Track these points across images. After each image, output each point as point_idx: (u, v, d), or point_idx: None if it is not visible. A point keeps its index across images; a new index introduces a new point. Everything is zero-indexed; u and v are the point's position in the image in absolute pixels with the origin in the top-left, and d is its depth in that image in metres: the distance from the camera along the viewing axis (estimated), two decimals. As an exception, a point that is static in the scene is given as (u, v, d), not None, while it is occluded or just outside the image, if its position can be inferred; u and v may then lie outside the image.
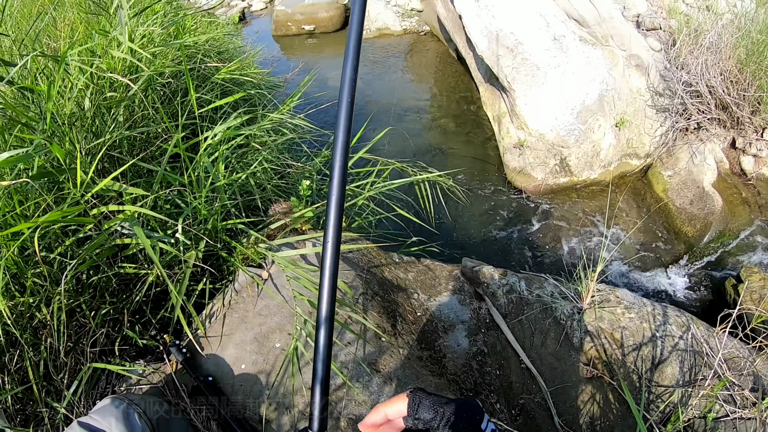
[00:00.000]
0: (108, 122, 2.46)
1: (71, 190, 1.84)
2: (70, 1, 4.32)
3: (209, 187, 2.32)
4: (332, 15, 10.33)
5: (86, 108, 2.37)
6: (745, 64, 4.52)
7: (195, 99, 2.60)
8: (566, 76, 4.81)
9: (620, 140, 4.92)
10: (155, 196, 2.15)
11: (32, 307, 1.83)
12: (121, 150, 2.51)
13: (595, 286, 2.84)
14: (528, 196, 4.89)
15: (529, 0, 4.94)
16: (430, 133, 6.08)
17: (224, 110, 3.46)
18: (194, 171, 2.32)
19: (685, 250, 4.33)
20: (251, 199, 2.80)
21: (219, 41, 4.91)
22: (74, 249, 1.93)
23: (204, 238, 2.21)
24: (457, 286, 2.84)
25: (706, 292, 4.02)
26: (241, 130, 2.90)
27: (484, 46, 4.92)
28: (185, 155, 2.28)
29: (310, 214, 2.55)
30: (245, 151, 3.09)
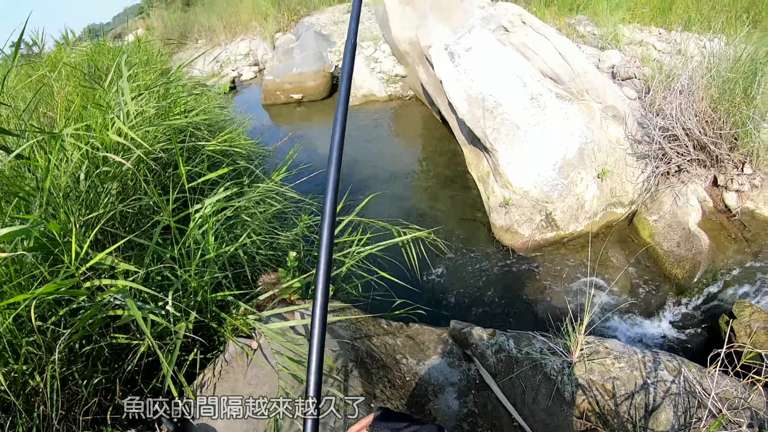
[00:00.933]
0: (102, 196, 2.57)
1: (66, 263, 1.92)
2: (66, 71, 4.54)
3: (198, 260, 2.41)
4: (319, 83, 10.73)
5: (81, 181, 2.48)
6: (718, 102, 4.68)
7: (185, 171, 2.73)
8: (546, 132, 5.01)
9: (603, 191, 5.07)
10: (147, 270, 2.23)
11: (26, 375, 1.88)
12: (114, 222, 2.61)
13: (584, 338, 2.89)
14: (516, 253, 4.97)
15: (506, 62, 5.21)
16: (417, 196, 6.24)
17: (212, 182, 3.58)
18: (185, 244, 2.41)
19: (676, 292, 4.39)
20: (241, 271, 2.87)
21: (209, 113, 5.10)
22: (67, 318, 2.00)
23: (192, 312, 2.28)
24: (445, 349, 2.88)
25: (701, 331, 4.05)
26: (230, 201, 3.01)
27: (464, 110, 5.15)
28: (175, 228, 2.38)
29: (298, 284, 2.63)
30: (234, 222, 3.19)
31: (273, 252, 3.34)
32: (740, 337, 3.54)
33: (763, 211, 4.79)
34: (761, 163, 4.83)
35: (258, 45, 15.44)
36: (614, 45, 7.46)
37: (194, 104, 4.67)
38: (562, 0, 9.30)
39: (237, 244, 2.74)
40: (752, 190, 4.87)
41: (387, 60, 10.52)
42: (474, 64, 5.29)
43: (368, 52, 11.28)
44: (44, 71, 4.64)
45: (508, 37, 5.36)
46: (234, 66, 15.11)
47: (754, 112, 4.48)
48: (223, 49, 16.44)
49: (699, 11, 8.20)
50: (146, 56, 7.06)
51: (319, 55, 11.35)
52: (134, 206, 2.77)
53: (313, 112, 10.29)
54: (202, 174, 3.16)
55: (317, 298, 0.84)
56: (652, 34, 8.11)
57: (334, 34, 13.26)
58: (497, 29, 5.50)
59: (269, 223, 3.62)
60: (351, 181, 6.74)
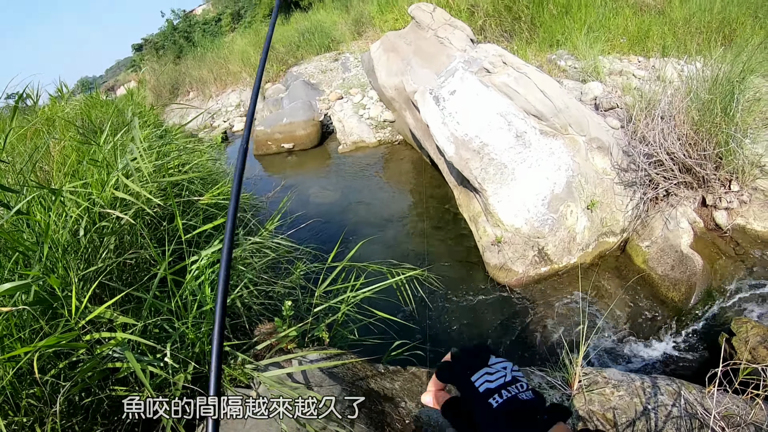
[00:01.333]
0: (101, 249, 2.64)
1: (66, 317, 1.97)
2: (61, 126, 4.65)
3: (195, 311, 2.46)
4: (309, 132, 10.96)
5: (80, 237, 2.55)
6: (699, 124, 4.81)
7: (181, 224, 2.81)
8: (533, 169, 5.14)
9: (594, 221, 5.16)
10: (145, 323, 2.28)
11: (26, 427, 1.89)
12: (112, 275, 2.66)
13: (581, 370, 2.92)
14: (511, 290, 5.02)
15: (489, 103, 5.38)
16: (411, 240, 6.32)
17: (207, 233, 3.65)
18: (181, 296, 2.46)
19: (674, 315, 4.42)
20: (238, 321, 2.92)
21: (202, 167, 5.21)
22: (67, 371, 2.03)
23: (191, 362, 2.31)
24: (444, 388, 2.89)
25: (702, 352, 4.06)
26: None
27: (452, 152, 5.28)
28: (171, 279, 2.43)
29: (294, 333, 2.68)
30: (231, 273, 3.24)
31: (270, 301, 3.39)
32: (740, 353, 3.55)
33: (753, 226, 4.88)
34: (747, 179, 4.94)
35: (248, 96, 15.76)
36: (595, 77, 7.68)
37: (187, 158, 4.78)
38: (543, 37, 9.60)
39: (233, 295, 2.79)
40: (741, 206, 4.97)
41: (375, 106, 10.77)
42: (459, 107, 5.46)
43: (356, 99, 11.56)
44: (39, 125, 4.76)
45: (491, 78, 5.54)
46: (225, 117, 15.42)
47: (735, 130, 4.61)
48: (214, 101, 16.77)
49: (675, 36, 8.48)
50: (140, 109, 7.23)
51: (308, 104, 11.63)
52: (132, 259, 2.83)
53: (304, 161, 10.47)
54: (196, 226, 3.23)
55: (218, 300, 0.93)
56: (632, 63, 8.38)
57: (322, 83, 13.60)
58: (479, 71, 5.70)
59: (265, 272, 3.68)
60: (344, 228, 6.81)
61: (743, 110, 4.73)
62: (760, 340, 3.58)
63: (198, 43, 23.75)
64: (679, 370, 3.96)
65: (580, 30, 8.77)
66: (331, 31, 16.83)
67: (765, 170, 5.00)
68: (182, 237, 2.70)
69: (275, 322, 2.79)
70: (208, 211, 4.14)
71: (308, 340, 3.04)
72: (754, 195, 5.00)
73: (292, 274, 3.84)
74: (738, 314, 4.25)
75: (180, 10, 31.42)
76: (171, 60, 23.26)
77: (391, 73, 7.29)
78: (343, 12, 18.54)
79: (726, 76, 4.76)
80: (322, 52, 16.19)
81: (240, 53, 16.90)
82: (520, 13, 10.23)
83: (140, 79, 22.59)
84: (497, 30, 10.78)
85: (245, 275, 3.11)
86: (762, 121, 5.26)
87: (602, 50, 8.50)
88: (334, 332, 3.41)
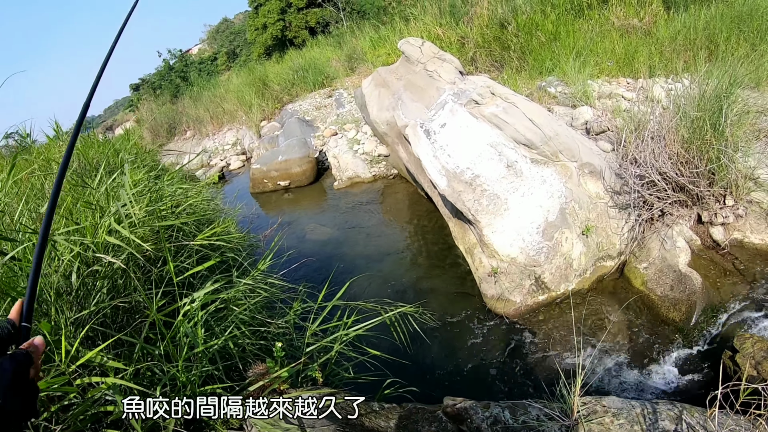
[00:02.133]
0: (93, 293, 2.67)
1: (56, 362, 2.00)
2: (57, 168, 4.72)
3: (186, 354, 2.48)
4: (305, 169, 11.07)
5: (72, 281, 2.59)
6: (689, 142, 4.86)
7: (173, 267, 2.85)
8: (526, 198, 5.20)
9: (590, 246, 5.19)
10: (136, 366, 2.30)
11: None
12: (106, 319, 2.69)
13: (580, 400, 2.91)
14: (509, 320, 5.01)
15: (479, 134, 5.48)
16: (408, 274, 6.33)
17: (201, 275, 3.68)
18: (171, 340, 2.48)
19: (676, 336, 4.40)
20: (232, 363, 2.93)
21: (196, 209, 5.25)
22: (60, 415, 2.05)
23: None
24: (440, 427, 2.89)
25: (706, 371, 4.02)
26: (219, 294, 3.10)
27: (444, 185, 5.35)
28: (161, 323, 2.46)
29: (286, 374, 2.69)
30: (225, 314, 3.26)
31: (264, 342, 3.40)
32: (745, 370, 3.50)
33: (751, 239, 4.90)
34: (742, 193, 4.98)
35: (244, 134, 15.98)
36: (585, 101, 7.80)
37: (180, 200, 4.82)
38: (533, 64, 9.77)
39: (225, 336, 2.81)
40: (737, 220, 5.00)
41: (369, 141, 10.90)
42: (449, 140, 5.55)
43: (351, 135, 11.70)
44: (34, 166, 4.83)
45: (480, 110, 5.66)
46: (222, 156, 15.59)
47: (725, 144, 4.67)
48: (210, 140, 16.95)
49: (661, 55, 8.62)
50: (136, 151, 7.32)
51: (303, 141, 11.77)
52: (125, 303, 2.85)
53: (300, 198, 10.55)
54: (190, 268, 3.27)
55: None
56: (621, 85, 8.52)
57: (317, 119, 13.79)
58: (468, 103, 5.82)
59: (259, 312, 3.69)
60: (341, 264, 6.84)
61: (732, 124, 4.80)
62: (764, 355, 3.53)
63: (194, 82, 24.11)
64: (683, 392, 3.92)
65: (569, 55, 8.93)
66: (325, 68, 17.12)
67: (759, 182, 5.05)
68: (174, 280, 2.74)
69: (267, 363, 2.80)
70: (202, 252, 4.17)
71: (301, 380, 3.04)
72: (749, 208, 5.03)
73: (286, 313, 3.85)
74: (741, 330, 4.23)
75: (176, 50, 32.00)
76: (168, 99, 23.61)
77: (382, 108, 7.42)
78: (336, 48, 18.90)
79: (713, 92, 4.84)
80: (317, 88, 16.45)
81: (235, 92, 17.15)
82: (509, 42, 10.43)
83: (138, 118, 22.91)
84: (487, 60, 10.98)
85: (237, 316, 3.13)
86: (752, 133, 5.33)
87: (591, 74, 8.65)
88: (328, 371, 3.41)
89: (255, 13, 30.00)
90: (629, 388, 4.09)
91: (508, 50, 10.46)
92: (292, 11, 28.01)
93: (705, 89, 4.90)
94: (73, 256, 2.72)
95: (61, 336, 2.06)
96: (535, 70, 9.64)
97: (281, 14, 28.27)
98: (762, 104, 6.05)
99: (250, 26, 30.57)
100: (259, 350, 3.26)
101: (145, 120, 20.18)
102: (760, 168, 5.02)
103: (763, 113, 6.04)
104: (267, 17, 28.56)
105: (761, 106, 5.93)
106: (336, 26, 24.37)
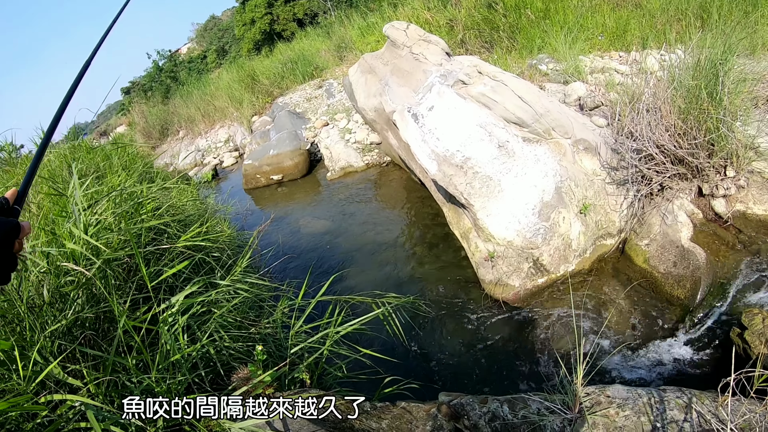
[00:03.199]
0: (69, 304, 2.55)
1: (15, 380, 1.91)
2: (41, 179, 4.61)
3: (165, 363, 2.34)
4: (297, 162, 10.88)
5: (44, 295, 2.48)
6: (686, 113, 4.66)
7: (157, 271, 2.72)
8: (519, 178, 5.01)
9: (589, 225, 5.02)
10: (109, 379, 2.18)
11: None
12: (84, 329, 2.57)
13: (582, 390, 2.77)
14: (508, 306, 4.85)
15: (468, 115, 5.28)
16: (403, 262, 6.18)
17: (184, 278, 3.54)
18: (148, 347, 2.35)
19: (681, 315, 4.23)
20: (211, 370, 2.79)
21: (179, 209, 5.11)
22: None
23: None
24: (435, 425, 2.74)
25: (715, 351, 3.85)
26: (197, 298, 2.96)
27: (434, 169, 5.16)
28: (134, 331, 2.31)
29: (269, 378, 2.55)
30: (207, 318, 3.12)
31: (250, 343, 3.25)
32: (755, 348, 3.36)
33: (754, 210, 4.73)
34: (742, 163, 4.80)
35: (236, 130, 15.81)
36: (577, 77, 7.62)
37: (161, 202, 4.67)
38: (523, 43, 9.60)
39: (203, 340, 2.67)
40: (739, 191, 4.82)
41: (360, 130, 10.72)
42: (438, 123, 5.36)
43: (342, 125, 11.52)
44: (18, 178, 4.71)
45: (467, 90, 5.46)
46: (215, 153, 15.42)
47: (723, 114, 4.48)
48: (203, 138, 16.77)
49: (653, 27, 8.43)
50: (127, 157, 7.17)
51: (294, 134, 11.58)
52: (99, 312, 2.72)
53: (293, 191, 10.37)
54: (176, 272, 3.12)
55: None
56: (613, 59, 8.34)
57: (307, 111, 13.60)
58: (456, 84, 5.62)
59: (245, 313, 3.55)
60: (335, 256, 6.70)
61: (730, 92, 4.60)
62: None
63: (184, 82, 23.89)
64: (693, 374, 3.76)
65: (559, 32, 8.74)
66: (314, 59, 16.91)
67: (760, 152, 4.87)
68: (148, 285, 2.59)
69: (249, 367, 2.66)
70: (187, 253, 4.03)
71: (289, 382, 2.90)
72: (751, 178, 4.85)
73: (272, 314, 3.71)
74: (748, 305, 4.07)
75: (165, 51, 31.72)
76: (159, 101, 23.38)
77: (369, 95, 7.23)
78: (325, 39, 18.69)
79: (708, 60, 4.63)
80: (307, 80, 16.24)
81: (225, 89, 16.94)
82: (498, 22, 10.23)
83: (130, 122, 22.71)
84: (477, 42, 10.78)
85: (218, 320, 2.98)
86: (751, 101, 5.14)
87: (582, 50, 8.48)
88: (320, 371, 3.27)
89: (242, 8, 29.75)
90: (635, 373, 3.92)
91: (497, 30, 10.27)
92: (279, 4, 27.76)
93: (699, 57, 4.71)
94: (40, 270, 2.59)
95: (30, 352, 1.96)
96: (525, 49, 9.47)
97: (268, 8, 28.02)
98: (759, 71, 5.86)
99: (238, 22, 30.32)
100: (246, 353, 3.12)
101: (137, 123, 20.00)
102: (760, 137, 4.84)
103: (760, 80, 5.86)
104: (254, 12, 28.32)
105: (758, 73, 5.74)
106: (324, 16, 24.14)
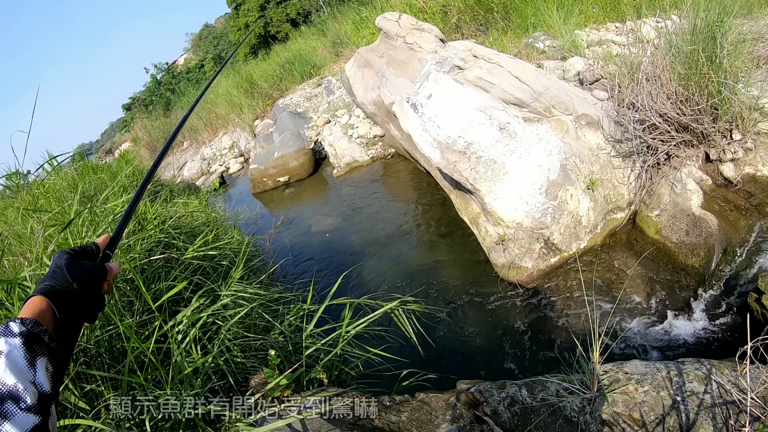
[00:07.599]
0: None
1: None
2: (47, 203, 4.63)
3: (179, 377, 2.35)
4: (303, 162, 10.85)
5: None
6: (687, 79, 4.55)
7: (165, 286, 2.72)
8: (523, 159, 4.93)
9: (597, 200, 4.94)
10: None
11: None
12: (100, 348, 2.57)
13: (600, 368, 2.73)
14: (522, 287, 4.79)
15: (466, 100, 5.20)
16: (415, 253, 6.13)
17: (191, 288, 3.54)
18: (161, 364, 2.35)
19: (697, 284, 4.15)
20: (226, 378, 2.79)
21: (183, 221, 5.11)
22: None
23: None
24: (455, 414, 2.71)
25: (733, 317, 3.77)
26: (205, 311, 2.95)
27: (438, 157, 5.11)
28: (146, 348, 2.31)
29: (285, 381, 2.54)
30: (218, 327, 3.12)
31: (264, 351, 3.25)
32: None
33: (763, 172, 4.61)
34: (748, 125, 4.67)
35: (239, 136, 15.82)
36: (575, 52, 7.51)
37: (166, 215, 4.68)
38: (517, 23, 9.49)
39: (213, 352, 2.66)
40: (747, 154, 4.70)
41: (362, 124, 10.67)
42: (437, 110, 5.29)
43: (343, 121, 11.48)
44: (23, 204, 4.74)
45: (464, 75, 5.39)
46: (221, 161, 15.44)
47: (725, 76, 4.37)
48: (207, 147, 16.82)
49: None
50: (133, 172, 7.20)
51: (297, 134, 11.55)
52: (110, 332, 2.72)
53: (301, 192, 10.35)
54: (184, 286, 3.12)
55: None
56: (609, 31, 8.21)
57: (308, 110, 13.58)
58: (452, 69, 5.55)
59: (259, 319, 3.55)
60: (348, 253, 6.67)
61: (729, 54, 4.48)
62: (793, 294, 3.30)
63: (184, 93, 23.95)
64: (712, 344, 3.69)
65: (551, 7, 8.61)
66: (311, 57, 16.87)
67: (765, 112, 4.71)
68: (151, 305, 2.59)
69: (264, 372, 2.65)
70: (194, 265, 4.03)
71: (306, 383, 2.89)
72: (758, 140, 4.72)
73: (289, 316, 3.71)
74: (764, 269, 3.96)
75: (162, 64, 31.84)
76: (161, 114, 23.49)
77: (368, 89, 7.18)
78: (320, 36, 18.61)
79: (704, 23, 4.51)
80: (305, 79, 16.21)
81: (225, 96, 16.94)
82: (492, 3, 10.12)
83: (133, 138, 22.85)
84: (472, 25, 10.69)
85: (229, 330, 2.97)
86: (751, 61, 5.01)
87: (577, 24, 8.35)
88: (337, 370, 3.26)
89: (236, 13, 29.74)
90: (653, 346, 3.84)
91: (491, 12, 10.16)
92: (272, 6, 27.71)
93: (695, 21, 4.59)
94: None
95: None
96: (520, 29, 9.35)
97: (261, 11, 27.98)
98: (757, 31, 5.72)
99: (233, 27, 30.33)
100: (259, 360, 3.11)
101: (141, 138, 20.10)
102: (764, 97, 4.71)
103: (760, 40, 5.73)
104: (248, 16, 28.31)
105: (756, 32, 5.61)
106: (317, 14, 24.05)
